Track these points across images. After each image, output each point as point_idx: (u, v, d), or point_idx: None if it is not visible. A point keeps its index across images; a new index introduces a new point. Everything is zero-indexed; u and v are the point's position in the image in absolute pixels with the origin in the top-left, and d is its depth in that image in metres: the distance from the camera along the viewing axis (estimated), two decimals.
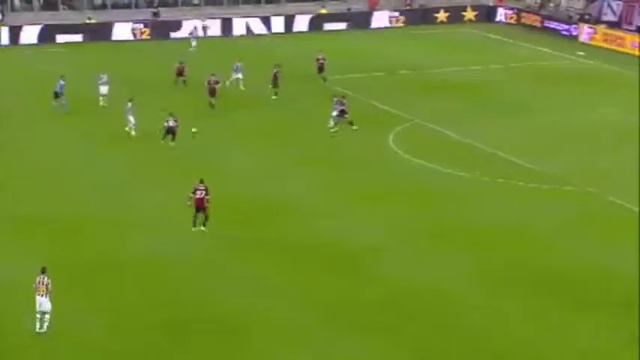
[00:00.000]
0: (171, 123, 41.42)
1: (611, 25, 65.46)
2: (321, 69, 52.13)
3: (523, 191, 37.14)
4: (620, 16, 65.66)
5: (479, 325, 26.99)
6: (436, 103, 49.36)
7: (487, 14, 73.16)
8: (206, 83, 47.48)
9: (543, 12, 70.93)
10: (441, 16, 72.67)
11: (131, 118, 42.88)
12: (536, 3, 72.92)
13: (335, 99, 44.50)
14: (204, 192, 32.10)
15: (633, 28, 64.27)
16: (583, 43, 64.61)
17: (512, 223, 34.07)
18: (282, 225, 33.58)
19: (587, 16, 67.53)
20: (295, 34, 68.26)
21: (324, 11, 71.58)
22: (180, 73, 51.81)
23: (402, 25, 71.59)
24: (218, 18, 68.38)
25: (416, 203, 35.73)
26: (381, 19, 71.66)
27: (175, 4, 71.33)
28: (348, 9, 72.60)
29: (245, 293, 28.57)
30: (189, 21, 66.83)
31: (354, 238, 32.45)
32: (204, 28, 65.58)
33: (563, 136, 44.48)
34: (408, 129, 45.37)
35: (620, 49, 62.61)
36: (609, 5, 66.80)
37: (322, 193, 36.65)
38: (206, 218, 32.38)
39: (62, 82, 46.76)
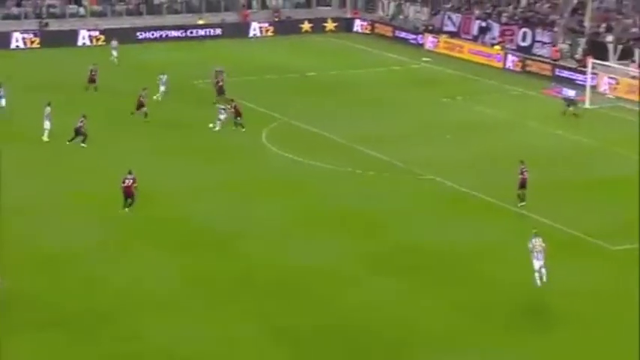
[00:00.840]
0: (79, 123, 40.92)
1: (452, 34, 67.97)
2: (220, 90, 49.49)
3: (377, 179, 38.72)
4: (459, 27, 68.30)
5: (351, 299, 27.86)
6: (303, 103, 50.52)
7: (346, 25, 74.98)
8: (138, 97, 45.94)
9: (394, 23, 72.98)
10: (306, 26, 74.27)
11: (47, 123, 41.70)
12: (387, 15, 75.03)
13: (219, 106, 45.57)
14: (131, 180, 33.55)
15: (470, 37, 66.96)
16: (428, 51, 66.87)
17: (368, 207, 35.44)
18: (160, 207, 34.51)
19: (430, 27, 70.00)
20: (167, 40, 68.52)
21: (201, 22, 72.39)
22: (92, 80, 51.20)
23: (271, 34, 72.96)
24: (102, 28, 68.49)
25: (284, 192, 36.87)
26: (253, 29, 72.92)
27: (63, 16, 70.88)
28: (223, 20, 73.54)
29: (132, 271, 29.61)
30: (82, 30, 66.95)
31: (223, 222, 33.49)
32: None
33: (411, 130, 46.42)
34: (278, 127, 46.74)
35: (460, 55, 65.12)
36: (449, 17, 69.36)
37: (196, 181, 37.49)
38: (131, 203, 33.59)
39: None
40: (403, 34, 70.53)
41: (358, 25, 74.52)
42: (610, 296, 28.40)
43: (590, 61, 54.16)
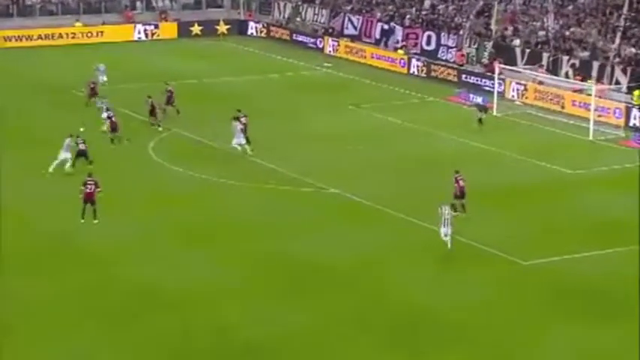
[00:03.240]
0: (81, 146, 40.15)
1: (353, 38, 68.77)
2: (169, 100, 49.27)
3: (271, 192, 38.90)
4: (360, 30, 69.13)
5: (230, 316, 28.26)
6: (193, 112, 50.42)
7: (239, 28, 75.13)
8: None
9: (291, 26, 73.41)
10: (195, 29, 74.11)
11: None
12: (283, 18, 75.45)
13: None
14: (93, 186, 33.81)
15: (372, 40, 67.84)
16: (329, 55, 67.48)
17: (262, 220, 35.77)
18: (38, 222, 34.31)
19: (330, 30, 70.66)
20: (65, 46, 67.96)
21: (78, 24, 71.52)
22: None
23: (157, 37, 72.58)
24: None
25: (171, 205, 36.94)
26: (138, 32, 72.45)
27: None
28: (103, 22, 72.80)
29: None
30: None
31: (103, 239, 33.53)
32: None
33: (309, 139, 46.76)
34: (166, 138, 46.53)
35: (362, 60, 65.90)
36: (350, 20, 70.15)
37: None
38: (95, 211, 34.21)
39: None
40: (301, 38, 71.07)
41: (252, 28, 74.77)
42: (518, 314, 28.97)
43: (498, 65, 55.48)
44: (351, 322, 27.97)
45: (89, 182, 34.50)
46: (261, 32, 74.23)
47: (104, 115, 45.88)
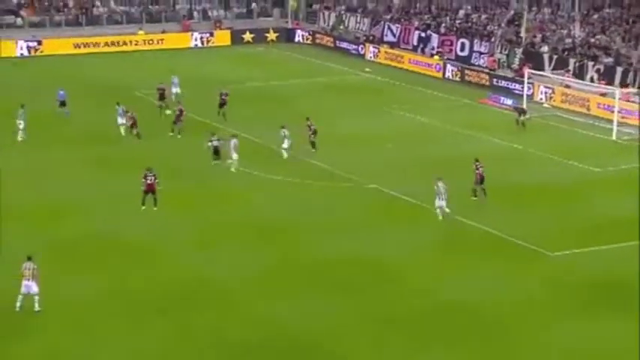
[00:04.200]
0: (215, 142, 40.48)
1: (392, 44, 68.42)
2: (222, 104, 48.91)
3: (318, 188, 38.64)
4: (399, 37, 68.77)
5: (282, 312, 27.58)
6: (246, 114, 49.83)
7: (287, 35, 75.08)
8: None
9: (335, 34, 73.22)
10: (247, 37, 74.16)
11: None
12: (328, 26, 75.27)
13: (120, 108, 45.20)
14: (153, 177, 34.64)
15: (410, 47, 67.44)
16: (369, 61, 67.16)
17: (308, 217, 35.38)
18: (73, 222, 34.03)
19: (371, 37, 70.37)
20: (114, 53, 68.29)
21: (141, 32, 71.88)
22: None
23: (212, 45, 72.71)
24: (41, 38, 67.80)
25: (224, 202, 36.67)
26: (194, 39, 72.66)
27: None
28: (163, 31, 73.07)
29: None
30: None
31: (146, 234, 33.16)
32: None
33: (349, 139, 46.27)
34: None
35: (400, 65, 65.54)
36: (389, 28, 69.83)
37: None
38: (155, 200, 34.68)
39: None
40: (344, 45, 70.77)
41: (299, 36, 74.62)
42: (547, 304, 28.43)
43: (527, 70, 54.85)
44: (388, 317, 27.25)
45: (149, 175, 34.86)
46: (307, 40, 74.11)
47: (120, 120, 45.14)
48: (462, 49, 63.79)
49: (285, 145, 41.69)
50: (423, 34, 66.88)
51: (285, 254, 31.75)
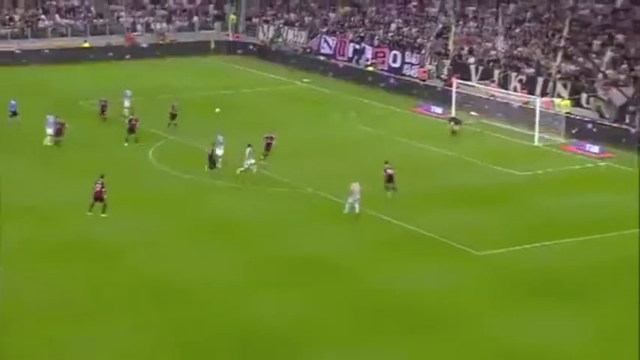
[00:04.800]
0: (217, 151, 40.60)
1: (328, 56, 69.10)
2: (173, 116, 48.91)
3: (258, 193, 39.14)
4: (335, 49, 69.49)
5: (242, 309, 27.99)
6: (192, 122, 49.96)
7: (228, 48, 75.23)
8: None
9: (274, 46, 73.62)
10: (190, 48, 73.99)
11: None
12: (267, 38, 75.64)
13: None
14: (100, 185, 34.48)
15: (345, 58, 68.17)
16: (309, 71, 67.46)
17: (253, 219, 35.91)
18: (52, 224, 34.15)
19: (308, 50, 70.95)
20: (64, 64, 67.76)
21: (86, 45, 71.44)
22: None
23: (157, 54, 72.56)
24: None
25: (168, 206, 37.05)
26: (139, 51, 72.49)
27: None
28: (107, 43, 72.71)
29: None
30: None
31: (115, 234, 33.52)
32: None
33: (292, 147, 46.84)
34: (165, 145, 46.61)
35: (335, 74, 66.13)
36: (326, 40, 70.52)
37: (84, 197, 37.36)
38: (105, 207, 34.62)
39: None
40: (284, 57, 71.16)
41: (240, 48, 74.84)
42: (474, 299, 29.24)
43: (455, 81, 55.91)
44: (338, 310, 28.01)
45: (97, 182, 34.90)
46: (247, 52, 74.32)
47: (48, 130, 44.81)
48: (395, 60, 64.75)
49: (250, 162, 41.66)
50: (357, 47, 67.72)
51: (239, 254, 32.26)
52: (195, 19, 79.06)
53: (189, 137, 47.12)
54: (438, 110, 55.47)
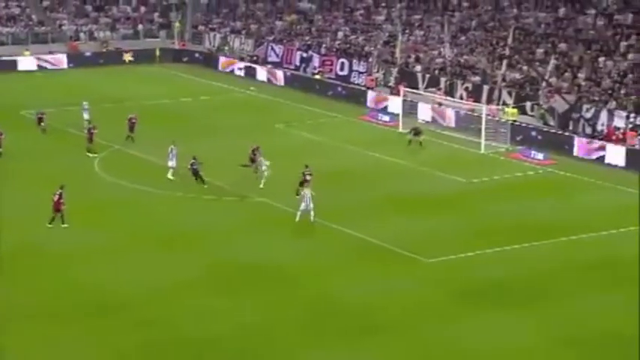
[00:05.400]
0: (195, 166, 40.37)
1: (275, 64, 69.56)
2: (132, 128, 48.87)
3: (203, 202, 39.35)
4: (282, 57, 70.00)
5: (185, 316, 28.31)
6: (137, 131, 49.94)
7: (174, 56, 75.30)
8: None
9: (220, 54, 73.80)
10: (130, 56, 73.64)
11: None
12: (213, 46, 75.86)
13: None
14: (58, 196, 34.99)
15: (292, 67, 68.70)
16: (255, 80, 67.93)
17: (196, 228, 36.17)
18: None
19: (255, 58, 71.35)
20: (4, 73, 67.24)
21: (27, 53, 70.96)
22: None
23: (101, 63, 72.34)
24: None
25: (115, 216, 37.22)
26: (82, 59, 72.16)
27: None
28: (50, 52, 72.26)
29: None
30: None
31: (62, 244, 33.66)
32: None
33: (242, 155, 47.06)
34: (110, 154, 46.59)
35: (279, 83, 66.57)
36: (273, 49, 70.99)
37: (28, 206, 37.28)
38: (62, 217, 35.17)
39: None
40: (230, 65, 71.40)
41: (186, 56, 74.98)
42: (421, 306, 29.82)
43: (402, 89, 56.75)
44: (286, 317, 28.51)
45: (56, 193, 35.28)
46: (193, 60, 74.44)
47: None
48: (342, 68, 65.47)
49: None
50: (304, 55, 68.30)
51: (188, 262, 32.59)
52: (140, 27, 78.99)
53: (134, 147, 47.14)
54: (386, 118, 56.26)
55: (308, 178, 38.66)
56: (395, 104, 57.10)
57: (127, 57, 73.30)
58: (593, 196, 41.99)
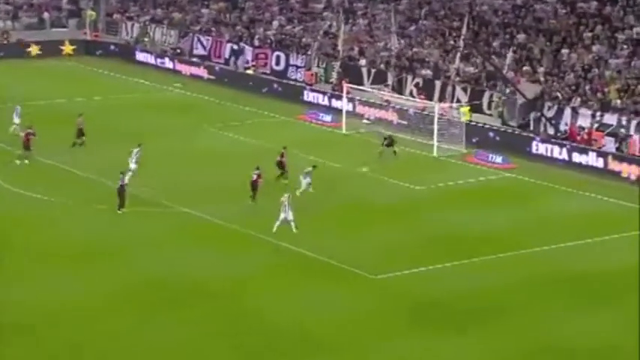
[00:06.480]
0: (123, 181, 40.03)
1: (203, 58, 69.96)
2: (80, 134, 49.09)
3: (126, 214, 39.62)
4: (210, 50, 70.43)
5: (103, 335, 28.86)
6: (44, 135, 49.99)
7: (86, 48, 75.21)
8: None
9: (140, 47, 73.95)
10: (35, 49, 73.39)
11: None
12: (132, 38, 75.91)
13: None
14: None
15: (222, 61, 69.19)
16: (179, 76, 68.33)
17: (112, 241, 36.60)
18: None
19: (179, 50, 71.68)
20: None
21: None
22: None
23: (1, 56, 71.98)
24: None
25: (18, 230, 37.49)
26: None
27: None
28: None
29: None
30: None
31: None
32: None
33: (164, 160, 47.58)
34: (15, 163, 46.52)
35: (213, 77, 66.89)
36: (199, 40, 71.38)
37: None
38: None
39: None
40: (150, 58, 71.65)
41: (100, 49, 74.93)
42: (363, 326, 30.45)
43: (346, 85, 57.66)
44: (229, 338, 29.11)
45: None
46: (108, 53, 74.37)
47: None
48: (278, 62, 66.19)
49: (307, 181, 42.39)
50: (235, 47, 68.85)
51: (104, 277, 33.12)
52: (46, 15, 78.66)
53: (42, 154, 47.10)
54: (327, 118, 57.13)
55: (255, 178, 40.05)
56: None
57: (33, 50, 73.03)
58: (557, 204, 43.28)
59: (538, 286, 33.56)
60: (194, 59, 70.01)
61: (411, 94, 58.87)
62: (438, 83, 58.27)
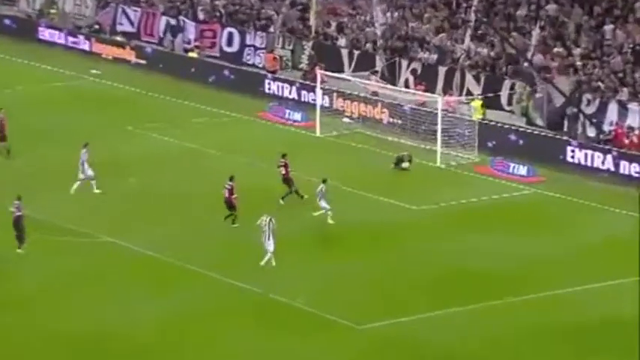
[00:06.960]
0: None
1: (130, 36, 69.79)
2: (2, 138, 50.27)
3: (33, 245, 39.71)
4: (139, 26, 70.28)
5: None
6: None
7: None
8: None
9: (45, 21, 73.67)
10: None
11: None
12: (34, 10, 75.66)
13: None
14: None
15: (155, 40, 69.08)
16: (97, 59, 68.07)
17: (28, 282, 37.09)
18: None
19: (96, 26, 71.42)
20: None
21: None
22: None
23: None
24: None
25: None
26: None
27: None
28: None
29: None
30: None
31: None
32: None
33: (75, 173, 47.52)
34: None
35: (143, 61, 67.00)
36: (125, 13, 71.13)
37: None
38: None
39: None
40: (59, 37, 71.59)
41: None
42: None
43: (320, 72, 57.58)
44: None
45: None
46: (1, 29, 74.09)
47: None
48: (230, 42, 66.06)
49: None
50: (173, 22, 68.71)
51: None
52: None
53: None
54: (296, 116, 57.10)
55: (227, 195, 41.29)
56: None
57: None
58: (598, 229, 43.21)
59: (568, 341, 33.66)
60: (117, 38, 69.92)
61: (406, 84, 58.90)
62: (442, 70, 58.26)
